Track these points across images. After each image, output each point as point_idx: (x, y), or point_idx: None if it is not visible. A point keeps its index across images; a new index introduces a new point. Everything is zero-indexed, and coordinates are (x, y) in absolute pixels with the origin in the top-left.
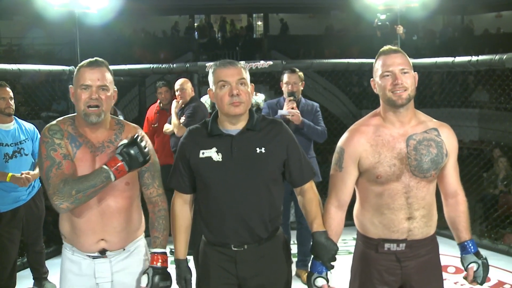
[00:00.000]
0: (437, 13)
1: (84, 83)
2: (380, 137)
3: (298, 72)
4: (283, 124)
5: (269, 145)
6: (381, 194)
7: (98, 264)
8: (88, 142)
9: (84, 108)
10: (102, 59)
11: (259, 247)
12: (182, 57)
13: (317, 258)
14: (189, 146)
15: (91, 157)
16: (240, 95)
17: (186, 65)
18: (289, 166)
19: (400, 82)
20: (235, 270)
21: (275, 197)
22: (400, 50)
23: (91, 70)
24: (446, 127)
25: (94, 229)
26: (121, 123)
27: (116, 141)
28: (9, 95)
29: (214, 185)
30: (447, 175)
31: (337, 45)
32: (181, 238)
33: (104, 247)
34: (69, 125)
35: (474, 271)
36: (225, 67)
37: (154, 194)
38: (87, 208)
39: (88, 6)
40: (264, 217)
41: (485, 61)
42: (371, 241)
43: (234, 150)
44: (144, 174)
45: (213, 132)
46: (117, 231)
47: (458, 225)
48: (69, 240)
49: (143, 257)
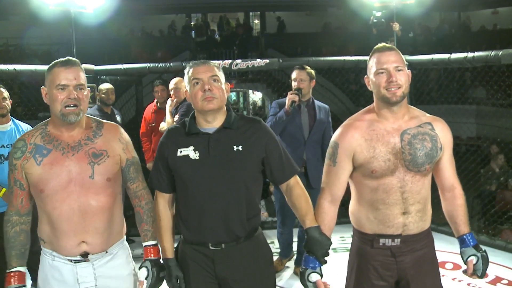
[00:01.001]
0: (434, 10)
1: (60, 83)
2: (374, 132)
3: (308, 69)
4: (261, 122)
5: (246, 143)
6: (376, 189)
7: (80, 268)
8: (59, 145)
9: (61, 109)
10: (75, 58)
11: (237, 247)
12: (179, 56)
13: (311, 253)
14: (168, 145)
15: (63, 159)
16: (212, 90)
17: (182, 64)
18: (269, 164)
19: (395, 79)
20: (213, 270)
21: (253, 195)
22: (394, 47)
23: (66, 70)
24: (440, 121)
25: (76, 230)
26: (99, 121)
27: (95, 137)
28: (2, 96)
29: (192, 183)
30: (443, 169)
31: (334, 42)
32: (166, 237)
33: (86, 250)
34: (39, 134)
35: (473, 264)
36: (198, 66)
37: (140, 188)
38: (67, 207)
39: (84, 5)
40: (242, 215)
41: (481, 57)
42: (366, 237)
43: (211, 148)
44: (130, 167)
45: (190, 131)
46: (99, 232)
47: (456, 218)
48: (49, 245)
49: (126, 259)
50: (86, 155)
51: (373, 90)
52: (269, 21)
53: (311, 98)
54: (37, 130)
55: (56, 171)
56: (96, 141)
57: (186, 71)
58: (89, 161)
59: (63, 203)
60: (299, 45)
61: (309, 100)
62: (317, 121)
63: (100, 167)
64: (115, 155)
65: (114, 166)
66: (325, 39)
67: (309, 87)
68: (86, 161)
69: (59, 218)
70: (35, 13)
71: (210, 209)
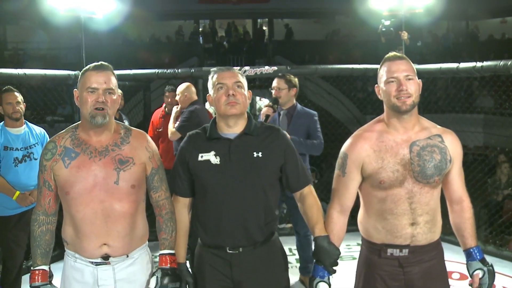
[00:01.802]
0: (442, 19)
1: (90, 86)
2: (383, 143)
3: (288, 77)
4: (280, 130)
5: (266, 150)
6: (384, 199)
7: (101, 271)
8: (87, 149)
9: (91, 110)
10: (107, 63)
11: (254, 251)
12: (187, 62)
13: (319, 263)
14: (188, 150)
15: (90, 163)
16: (236, 96)
17: (191, 70)
18: (286, 171)
19: (405, 88)
20: (230, 273)
21: (271, 201)
22: (405, 56)
23: (97, 74)
24: (450, 133)
25: (98, 233)
26: (127, 128)
27: (122, 144)
28: (16, 100)
29: (212, 188)
30: (452, 181)
31: (341, 50)
32: (180, 241)
33: (107, 252)
34: (68, 137)
35: (479, 278)
36: (223, 71)
37: (162, 197)
38: (91, 211)
39: (94, 11)
40: (260, 220)
41: (489, 67)
42: (374, 246)
43: (232, 154)
44: (154, 177)
45: (211, 136)
46: (121, 235)
47: (463, 231)
48: (72, 246)
49: (147, 265)
50: (113, 161)
51: (383, 99)
52: (277, 28)
53: (294, 105)
54: (67, 133)
55: (82, 175)
56: (123, 148)
57: (210, 76)
58: (115, 167)
59: (87, 206)
60: (307, 52)
61: (291, 108)
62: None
63: (125, 174)
64: (141, 163)
65: (139, 173)
66: (333, 47)
67: (288, 95)
68: (112, 167)
69: (82, 221)
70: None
71: (229, 213)
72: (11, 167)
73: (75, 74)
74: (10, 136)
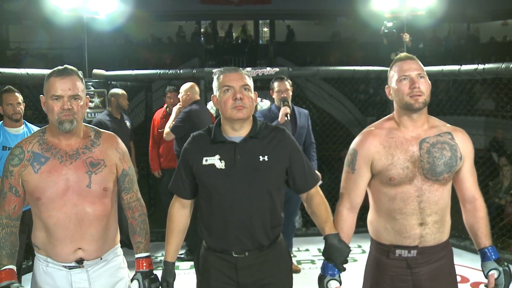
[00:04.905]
0: (443, 21)
1: (55, 94)
2: (393, 139)
3: (287, 80)
4: (285, 131)
5: (272, 153)
6: (393, 197)
7: (74, 274)
8: (57, 153)
9: (59, 117)
10: (72, 67)
11: (260, 254)
12: (188, 63)
13: (330, 261)
14: (192, 152)
15: (61, 167)
16: (243, 99)
17: (193, 71)
18: (292, 173)
19: (418, 85)
20: (235, 276)
21: (277, 204)
22: (415, 57)
23: (61, 80)
24: (460, 131)
25: (72, 238)
26: (97, 130)
27: (93, 146)
28: (17, 101)
29: (217, 192)
30: (463, 179)
31: (342, 52)
32: (172, 241)
33: (81, 256)
34: (36, 142)
35: (495, 279)
36: (230, 72)
37: (134, 199)
38: (64, 216)
39: (97, 11)
40: (266, 224)
41: (491, 69)
42: (383, 247)
43: (237, 158)
44: (125, 178)
45: (216, 139)
46: (95, 239)
47: (477, 231)
48: (44, 251)
49: (120, 266)
50: (84, 164)
51: (394, 99)
52: (279, 30)
53: (292, 105)
54: (34, 138)
55: (53, 179)
56: (93, 150)
57: (215, 76)
58: (86, 170)
59: (60, 211)
60: (308, 54)
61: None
62: (298, 127)
63: (97, 177)
64: (112, 164)
65: (111, 175)
66: (334, 49)
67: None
68: (84, 170)
69: (55, 226)
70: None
71: (234, 218)
72: None
73: None
74: (9, 136)
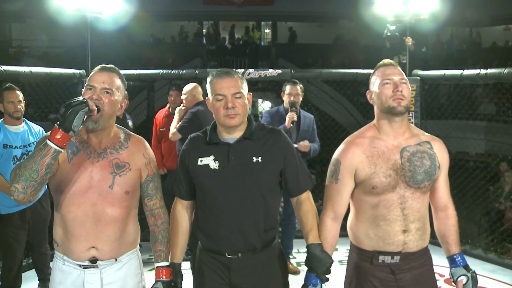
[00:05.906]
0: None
1: (89, 84)
2: (375, 149)
3: (299, 85)
4: (281, 132)
5: (266, 154)
6: (377, 205)
7: (88, 274)
8: (87, 148)
9: None
10: (115, 67)
11: (253, 256)
12: (190, 63)
13: (312, 271)
14: (189, 153)
15: (89, 163)
16: (235, 108)
17: (195, 71)
18: (285, 175)
19: (401, 89)
20: (228, 278)
21: (270, 206)
22: (397, 64)
23: (99, 73)
24: (438, 141)
25: (87, 235)
26: (127, 132)
27: (121, 148)
28: (18, 99)
29: (210, 193)
30: (438, 188)
31: (344, 54)
32: (177, 242)
33: (94, 255)
34: None
35: (463, 284)
36: (222, 78)
37: (157, 206)
38: (82, 213)
39: (100, 11)
40: (259, 226)
41: (493, 74)
42: (365, 253)
43: (231, 159)
44: (149, 184)
45: (211, 140)
46: (111, 240)
47: (447, 238)
48: (61, 248)
49: (136, 271)
50: (110, 164)
51: (376, 103)
52: (281, 31)
53: (299, 109)
54: None
55: (79, 174)
56: (121, 152)
57: (208, 80)
58: (111, 171)
59: (79, 207)
60: (310, 56)
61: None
62: (301, 131)
63: (120, 179)
64: (137, 169)
65: (135, 180)
66: (336, 51)
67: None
68: (109, 170)
69: (72, 222)
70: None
71: (227, 218)
72: (10, 165)
73: (80, 73)
74: (9, 134)
